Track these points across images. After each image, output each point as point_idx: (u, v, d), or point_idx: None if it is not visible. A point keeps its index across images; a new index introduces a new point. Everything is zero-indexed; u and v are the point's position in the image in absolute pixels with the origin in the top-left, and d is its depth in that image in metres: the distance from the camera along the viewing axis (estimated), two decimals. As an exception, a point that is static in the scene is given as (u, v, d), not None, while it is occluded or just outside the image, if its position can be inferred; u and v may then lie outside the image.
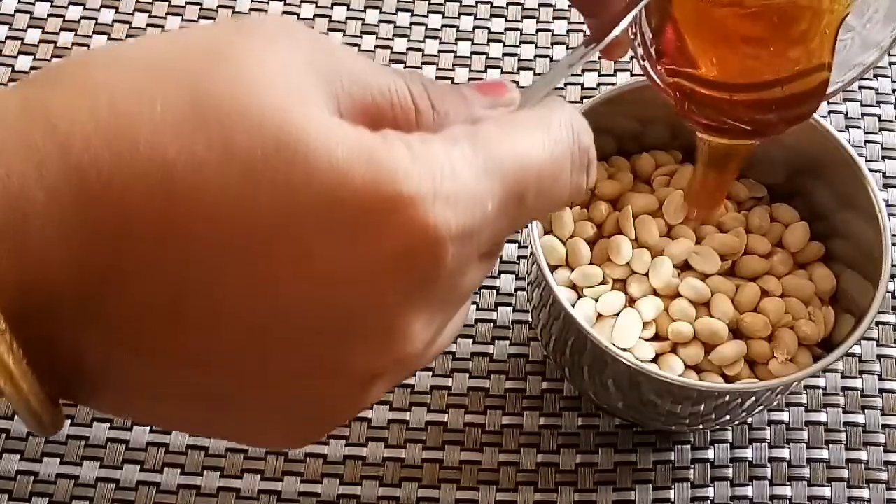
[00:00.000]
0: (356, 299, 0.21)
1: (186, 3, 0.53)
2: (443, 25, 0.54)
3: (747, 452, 0.44)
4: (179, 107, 0.20)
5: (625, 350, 0.38)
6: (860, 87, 0.52)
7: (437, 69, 0.52)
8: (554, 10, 0.54)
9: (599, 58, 0.53)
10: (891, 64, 0.53)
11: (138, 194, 0.19)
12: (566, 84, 0.52)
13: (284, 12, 0.53)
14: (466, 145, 0.22)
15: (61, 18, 0.52)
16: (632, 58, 0.36)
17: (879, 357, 0.46)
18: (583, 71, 0.52)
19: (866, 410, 0.45)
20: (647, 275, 0.40)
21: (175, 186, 0.19)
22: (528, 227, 0.38)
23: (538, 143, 0.23)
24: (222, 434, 0.25)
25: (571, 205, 0.42)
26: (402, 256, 0.20)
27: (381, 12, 0.54)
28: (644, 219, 0.41)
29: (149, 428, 0.43)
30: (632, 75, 0.52)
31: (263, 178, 0.20)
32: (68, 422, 0.43)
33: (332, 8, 0.54)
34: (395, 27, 0.53)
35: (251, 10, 0.53)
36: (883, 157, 0.51)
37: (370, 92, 0.23)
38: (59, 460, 0.43)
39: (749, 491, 0.43)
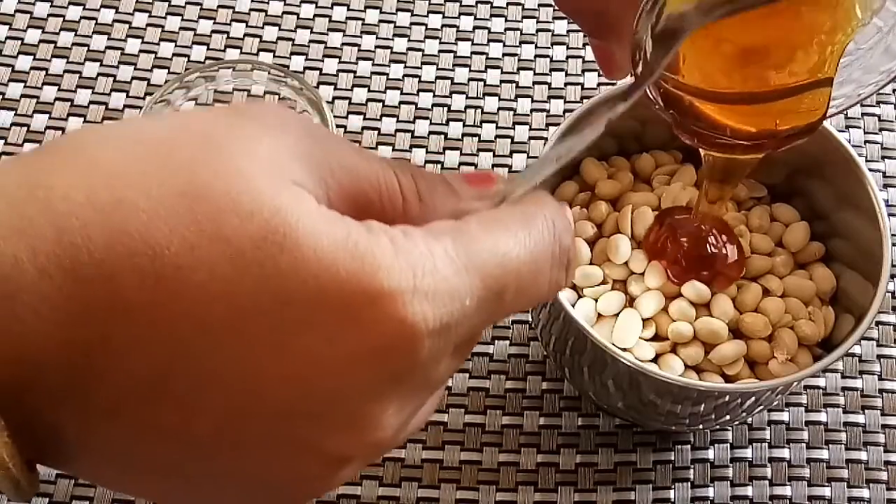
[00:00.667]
0: (333, 387, 0.22)
1: (186, 3, 0.53)
2: (443, 25, 0.54)
3: (747, 452, 0.44)
4: (173, 195, 0.21)
5: (625, 350, 0.38)
6: (860, 87, 0.52)
7: (437, 69, 0.52)
8: (554, 10, 0.54)
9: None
10: (891, 64, 0.53)
11: (129, 275, 0.20)
12: (566, 84, 0.52)
13: (284, 12, 0.53)
14: (449, 241, 0.22)
15: (61, 18, 0.52)
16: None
17: (879, 357, 0.46)
18: (582, 71, 0.52)
19: (866, 410, 0.45)
20: (643, 274, 0.40)
21: (165, 269, 0.20)
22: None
23: (520, 243, 0.24)
24: None
25: (571, 204, 0.42)
26: (379, 349, 0.21)
27: (381, 12, 0.54)
28: (641, 212, 0.41)
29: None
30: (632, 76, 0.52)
31: (252, 264, 0.20)
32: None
33: (332, 8, 0.54)
34: (395, 27, 0.53)
35: (251, 10, 0.53)
36: (883, 157, 0.51)
37: (360, 182, 0.23)
38: (59, 460, 0.43)
39: (749, 491, 0.43)
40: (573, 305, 0.39)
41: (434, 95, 0.51)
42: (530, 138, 0.51)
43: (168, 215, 0.20)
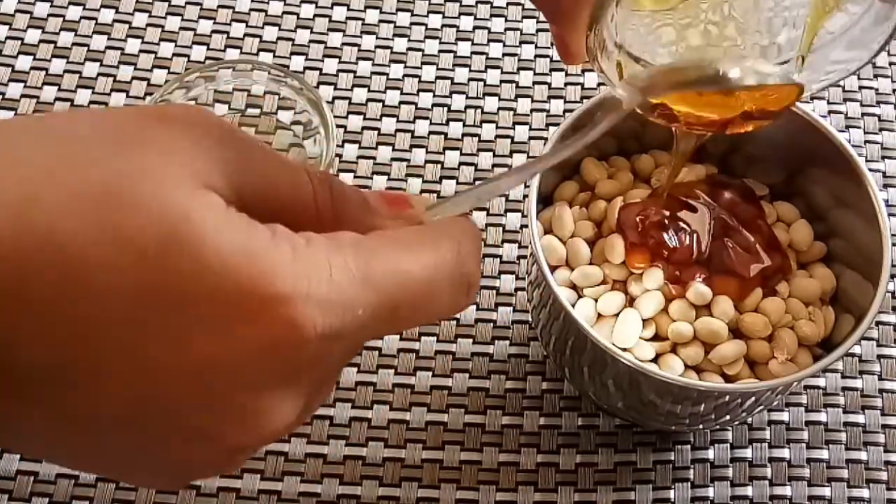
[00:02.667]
0: (224, 381, 0.23)
1: (186, 3, 0.53)
2: (443, 25, 0.54)
3: (747, 452, 0.44)
4: (82, 194, 0.21)
5: (625, 350, 0.38)
6: (860, 87, 0.52)
7: (437, 69, 0.52)
8: (554, 10, 0.54)
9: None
10: (891, 64, 0.53)
11: (35, 268, 0.21)
12: (566, 84, 0.52)
13: (285, 12, 0.53)
14: (350, 252, 0.23)
15: (61, 18, 0.52)
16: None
17: (879, 357, 0.46)
18: (582, 71, 0.52)
19: (866, 410, 0.45)
20: (641, 275, 0.40)
21: (70, 264, 0.21)
22: (527, 226, 0.38)
23: (419, 264, 0.25)
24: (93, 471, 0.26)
25: (571, 204, 0.42)
26: (268, 348, 0.22)
27: (381, 12, 0.54)
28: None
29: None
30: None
31: (154, 264, 0.21)
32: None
33: (332, 8, 0.54)
34: (395, 27, 0.53)
35: (251, 10, 0.53)
36: (883, 157, 0.51)
37: (275, 189, 0.24)
38: (59, 460, 0.43)
39: (749, 491, 0.43)
40: (573, 305, 0.39)
41: (434, 95, 0.51)
42: (530, 138, 0.51)
43: (75, 214, 0.21)
